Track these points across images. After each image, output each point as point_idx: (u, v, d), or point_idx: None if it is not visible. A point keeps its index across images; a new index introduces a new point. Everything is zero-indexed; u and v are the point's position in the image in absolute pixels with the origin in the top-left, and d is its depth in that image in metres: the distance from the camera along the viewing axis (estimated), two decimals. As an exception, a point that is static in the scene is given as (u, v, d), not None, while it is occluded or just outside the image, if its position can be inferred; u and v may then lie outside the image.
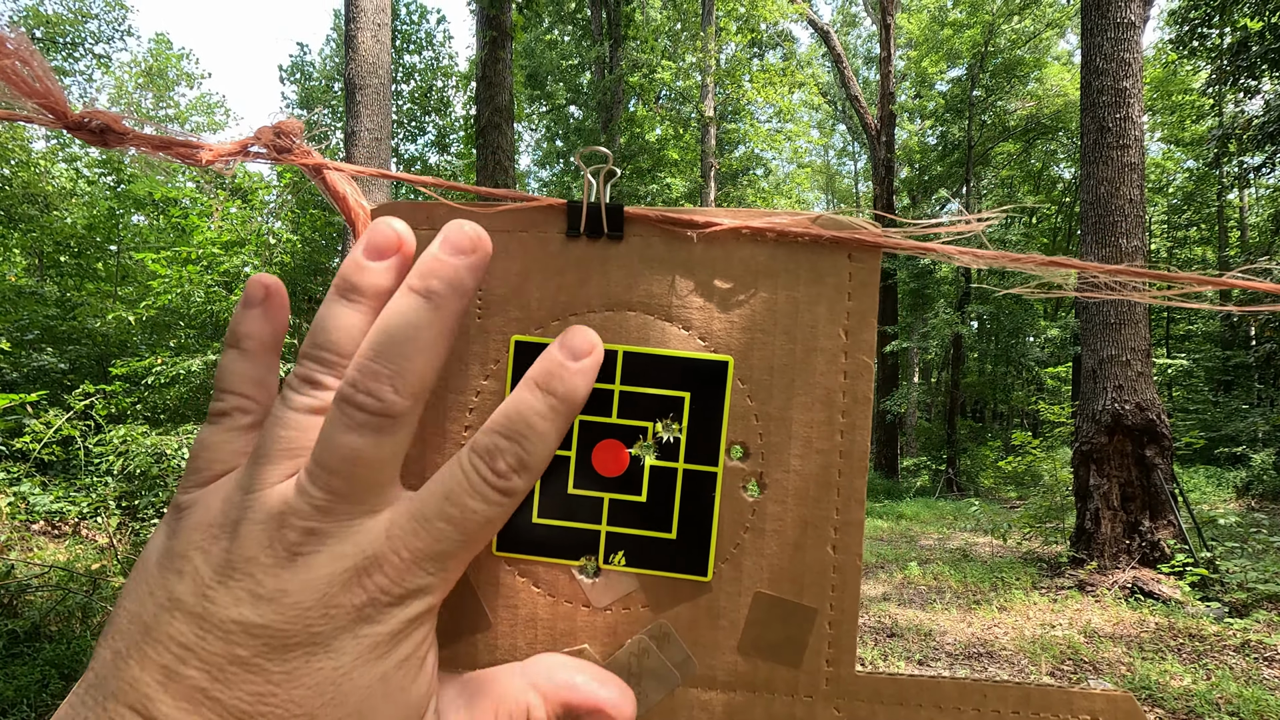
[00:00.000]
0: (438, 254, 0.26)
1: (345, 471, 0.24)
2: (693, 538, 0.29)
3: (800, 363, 0.29)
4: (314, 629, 0.24)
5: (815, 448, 0.29)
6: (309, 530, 0.24)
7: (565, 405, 0.27)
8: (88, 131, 0.24)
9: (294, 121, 0.26)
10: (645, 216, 0.29)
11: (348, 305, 0.26)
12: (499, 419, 0.27)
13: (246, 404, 0.28)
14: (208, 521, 0.25)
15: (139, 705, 0.23)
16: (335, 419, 0.25)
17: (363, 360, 0.25)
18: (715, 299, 0.29)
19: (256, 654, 0.23)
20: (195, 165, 0.25)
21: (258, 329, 0.28)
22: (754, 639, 0.29)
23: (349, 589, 0.24)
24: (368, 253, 0.26)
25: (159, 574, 0.25)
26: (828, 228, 0.28)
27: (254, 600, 0.23)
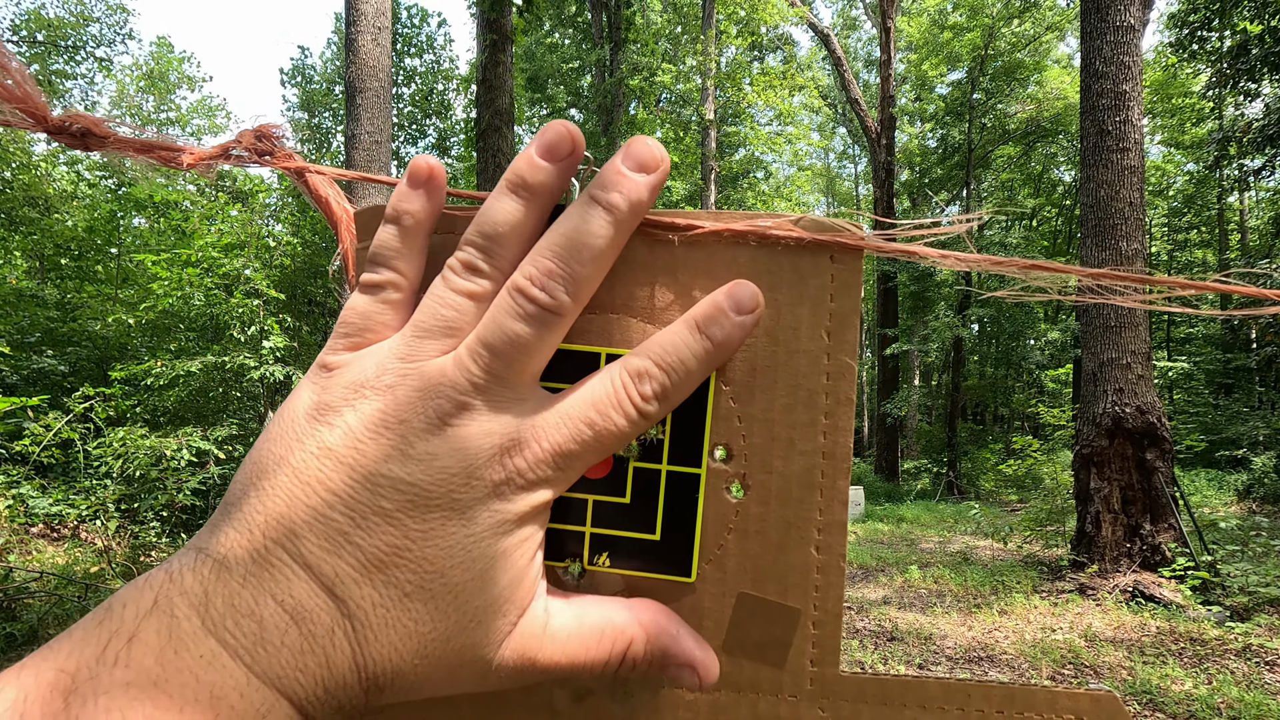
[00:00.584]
0: (620, 167, 0.27)
1: (507, 355, 0.26)
2: (677, 539, 0.29)
3: (783, 364, 0.29)
4: (455, 494, 0.25)
5: (798, 449, 0.29)
6: (462, 404, 0.26)
7: (719, 351, 0.28)
8: (68, 135, 0.24)
9: (274, 125, 0.26)
10: None
11: (516, 200, 0.27)
12: (656, 347, 0.28)
13: (398, 279, 0.29)
14: (361, 381, 0.26)
15: (286, 541, 0.24)
16: (507, 305, 0.26)
17: (540, 258, 0.26)
18: (697, 302, 0.29)
19: (399, 508, 0.25)
20: (176, 168, 0.25)
21: (418, 207, 0.29)
22: (738, 639, 0.29)
23: (491, 464, 0.26)
24: (541, 152, 0.27)
25: (308, 424, 0.26)
26: (809, 230, 0.28)
27: (403, 458, 0.25)
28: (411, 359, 0.26)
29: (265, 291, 6.43)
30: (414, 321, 0.27)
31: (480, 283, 0.27)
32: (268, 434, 0.27)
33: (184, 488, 5.25)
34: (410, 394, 0.26)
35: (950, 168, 17.22)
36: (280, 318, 6.75)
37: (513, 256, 0.27)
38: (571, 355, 0.29)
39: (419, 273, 0.29)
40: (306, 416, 0.26)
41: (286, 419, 0.27)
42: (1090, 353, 5.74)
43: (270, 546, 0.24)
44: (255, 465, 0.26)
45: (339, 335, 0.28)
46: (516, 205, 0.27)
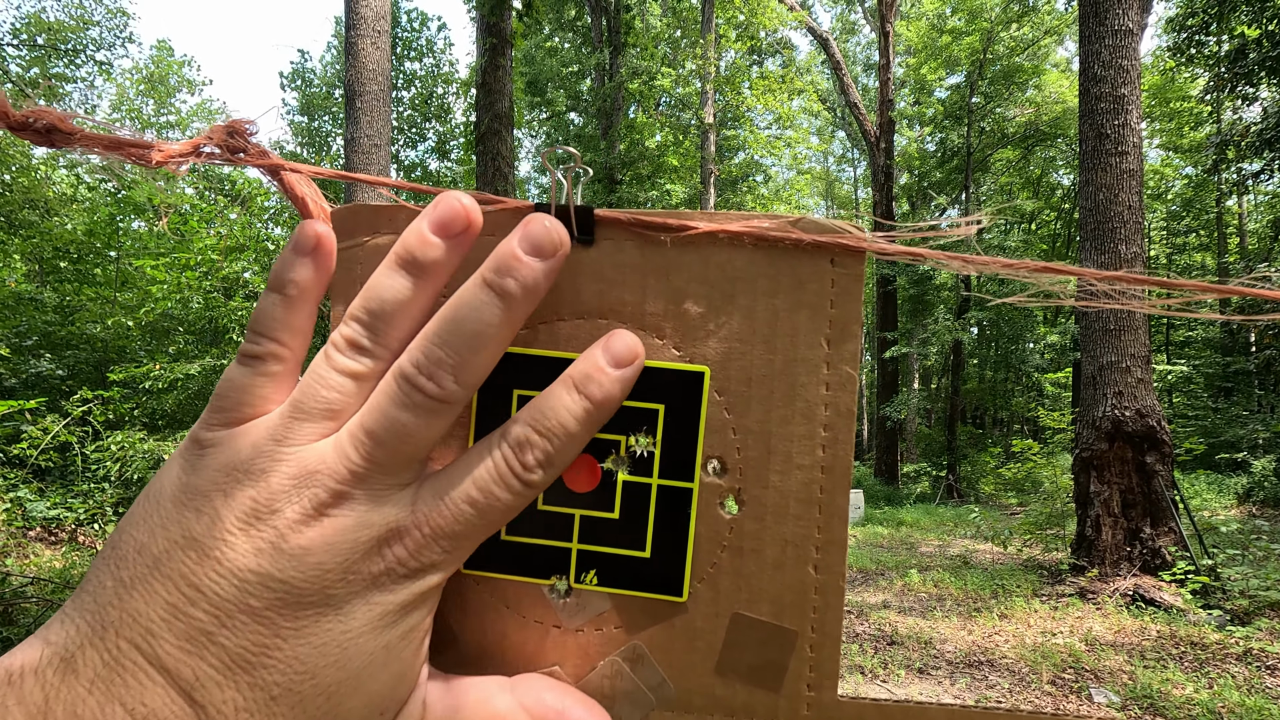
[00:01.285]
0: (517, 250, 0.25)
1: (390, 444, 0.25)
2: (667, 556, 0.28)
3: (780, 373, 0.28)
4: (330, 590, 0.24)
5: (796, 463, 0.28)
6: (340, 494, 0.24)
7: (599, 410, 0.27)
8: (33, 131, 0.23)
9: (248, 121, 0.25)
10: (617, 220, 0.27)
11: (405, 277, 0.26)
12: (533, 412, 0.27)
13: (281, 351, 0.27)
14: (233, 465, 0.25)
15: (140, 641, 0.22)
16: (393, 394, 0.25)
17: (428, 344, 0.25)
18: (690, 307, 0.28)
19: (269, 606, 0.23)
20: (146, 165, 0.24)
21: (304, 276, 0.27)
22: (732, 661, 0.28)
23: (369, 557, 0.24)
24: (434, 228, 0.25)
25: (174, 509, 0.24)
26: (809, 231, 0.27)
27: (275, 553, 0.23)
28: (288, 442, 0.25)
29: (264, 295, 6.42)
30: (293, 401, 0.25)
31: (364, 362, 0.26)
32: (132, 516, 0.25)
33: (181, 491, 5.23)
34: (285, 481, 0.24)
35: (949, 171, 17.24)
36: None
37: (401, 335, 0.26)
38: (558, 363, 0.28)
39: (304, 344, 0.28)
40: (173, 500, 0.24)
41: (152, 500, 0.25)
42: (1090, 356, 5.74)
43: (124, 647, 0.22)
44: (115, 552, 0.24)
45: (214, 409, 0.26)
46: (405, 283, 0.25)
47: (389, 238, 0.29)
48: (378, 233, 0.29)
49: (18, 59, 13.90)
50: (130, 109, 23.94)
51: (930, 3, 17.76)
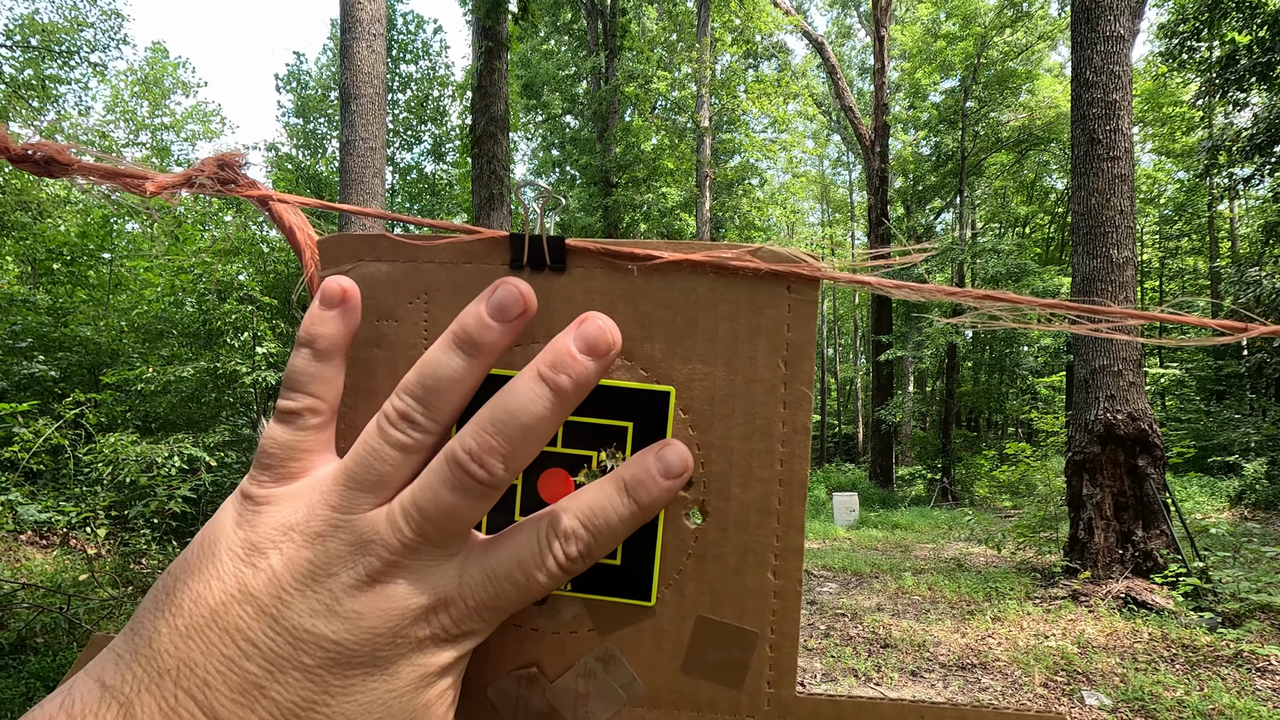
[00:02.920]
0: (572, 349, 0.26)
1: (440, 522, 0.26)
2: (637, 563, 0.30)
3: (741, 393, 0.29)
4: (379, 653, 0.25)
5: (755, 476, 0.29)
6: (393, 563, 0.26)
7: (643, 514, 0.28)
8: (32, 163, 0.24)
9: (237, 153, 0.26)
10: (587, 249, 0.29)
11: (461, 357, 0.27)
12: (583, 507, 0.28)
13: (317, 404, 0.28)
14: (289, 525, 0.26)
15: (196, 691, 0.23)
16: (444, 475, 0.26)
17: (481, 433, 0.26)
18: (657, 331, 0.30)
19: (320, 664, 0.24)
20: (141, 194, 0.25)
21: (332, 330, 0.28)
22: (697, 661, 0.30)
23: (418, 623, 0.26)
24: (493, 312, 0.27)
25: (231, 562, 0.25)
26: (767, 260, 0.29)
27: (329, 615, 0.25)
28: (344, 510, 0.26)
29: (259, 298, 6.42)
30: (347, 470, 0.27)
31: (415, 436, 0.27)
32: (185, 564, 0.26)
33: (175, 495, 5.22)
34: (341, 548, 0.25)
35: (944, 175, 17.32)
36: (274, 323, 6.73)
37: (452, 410, 0.27)
38: None
39: (337, 394, 0.29)
40: (229, 553, 0.26)
41: (206, 553, 0.26)
42: (1082, 359, 5.77)
43: (180, 696, 0.23)
44: (170, 600, 0.25)
45: (261, 467, 0.28)
46: (461, 362, 0.27)
47: (372, 265, 0.31)
48: (362, 259, 0.31)
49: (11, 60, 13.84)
50: (124, 111, 23.87)
51: (925, 8, 17.86)
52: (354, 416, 0.31)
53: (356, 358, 0.31)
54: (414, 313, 0.31)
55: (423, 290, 0.31)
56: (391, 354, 0.31)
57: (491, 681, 0.31)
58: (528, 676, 0.30)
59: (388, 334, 0.31)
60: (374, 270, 0.31)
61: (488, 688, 0.31)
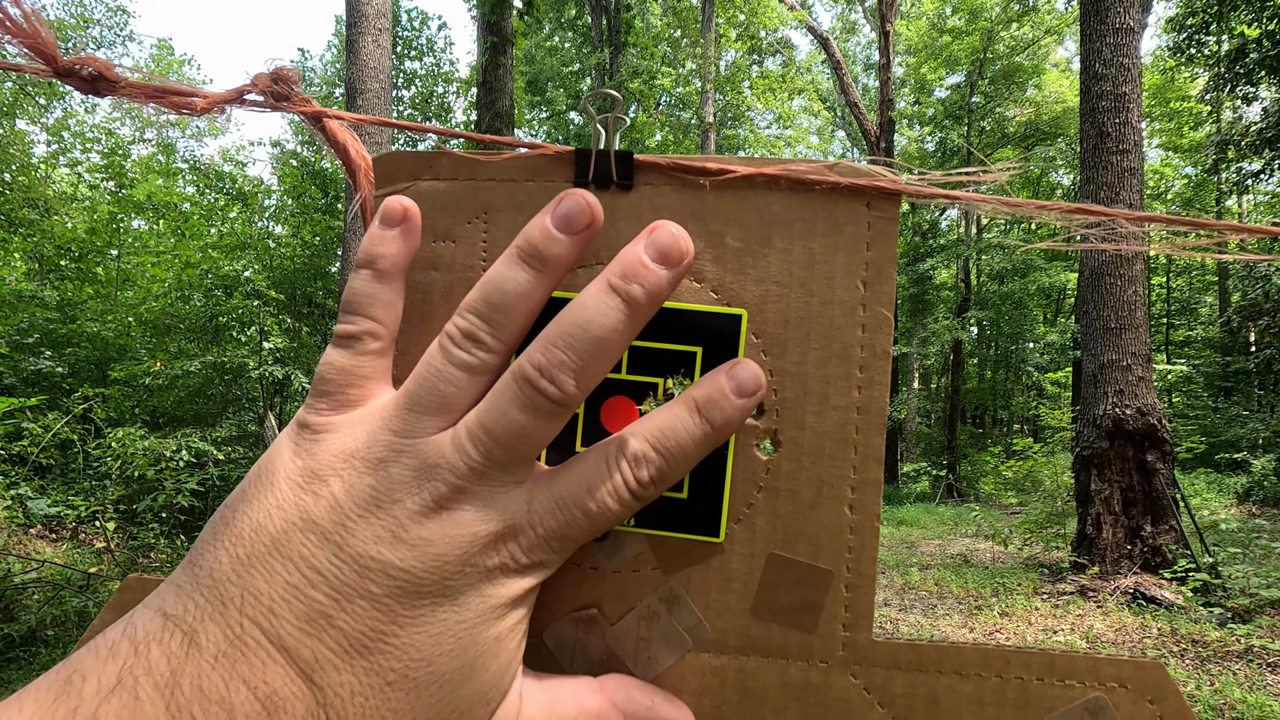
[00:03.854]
0: (643, 257, 0.25)
1: (509, 444, 0.25)
2: (704, 497, 0.28)
3: (817, 316, 0.28)
4: (448, 581, 0.24)
5: (832, 404, 0.28)
6: (459, 488, 0.25)
7: (717, 435, 0.27)
8: (78, 78, 0.23)
9: (292, 69, 0.25)
10: (656, 164, 0.28)
11: (526, 271, 0.26)
12: (654, 428, 0.27)
13: (376, 328, 0.27)
14: (350, 451, 0.25)
15: (262, 619, 0.23)
16: (513, 393, 0.25)
17: (550, 346, 0.25)
18: (728, 250, 0.28)
19: (388, 593, 0.23)
20: (190, 113, 0.24)
21: (393, 250, 0.27)
22: (767, 602, 0.28)
23: (486, 551, 0.25)
24: (558, 223, 0.26)
25: (291, 491, 0.25)
26: (845, 175, 0.27)
27: (395, 542, 0.24)
28: (406, 434, 0.25)
29: (266, 293, 6.43)
30: (408, 392, 0.26)
31: (481, 356, 0.26)
32: (244, 495, 0.25)
33: (183, 489, 5.23)
34: (405, 473, 0.25)
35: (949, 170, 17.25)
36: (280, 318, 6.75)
37: (518, 329, 0.26)
38: None
39: (397, 319, 0.28)
40: (288, 482, 0.25)
41: (265, 481, 0.25)
42: (1090, 355, 5.74)
43: (246, 625, 0.22)
44: (230, 529, 0.24)
45: (319, 394, 0.27)
46: (527, 276, 0.26)
47: (429, 183, 0.29)
48: (419, 178, 0.30)
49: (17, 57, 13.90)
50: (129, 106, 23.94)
51: (930, 2, 17.77)
52: (408, 343, 0.30)
53: (412, 280, 0.30)
54: (472, 233, 0.30)
55: (482, 210, 0.29)
56: (449, 277, 0.30)
57: (548, 625, 0.29)
58: (587, 619, 0.29)
59: (444, 256, 0.30)
60: (431, 189, 0.30)
61: (543, 631, 0.29)
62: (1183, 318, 18.40)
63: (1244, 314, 9.31)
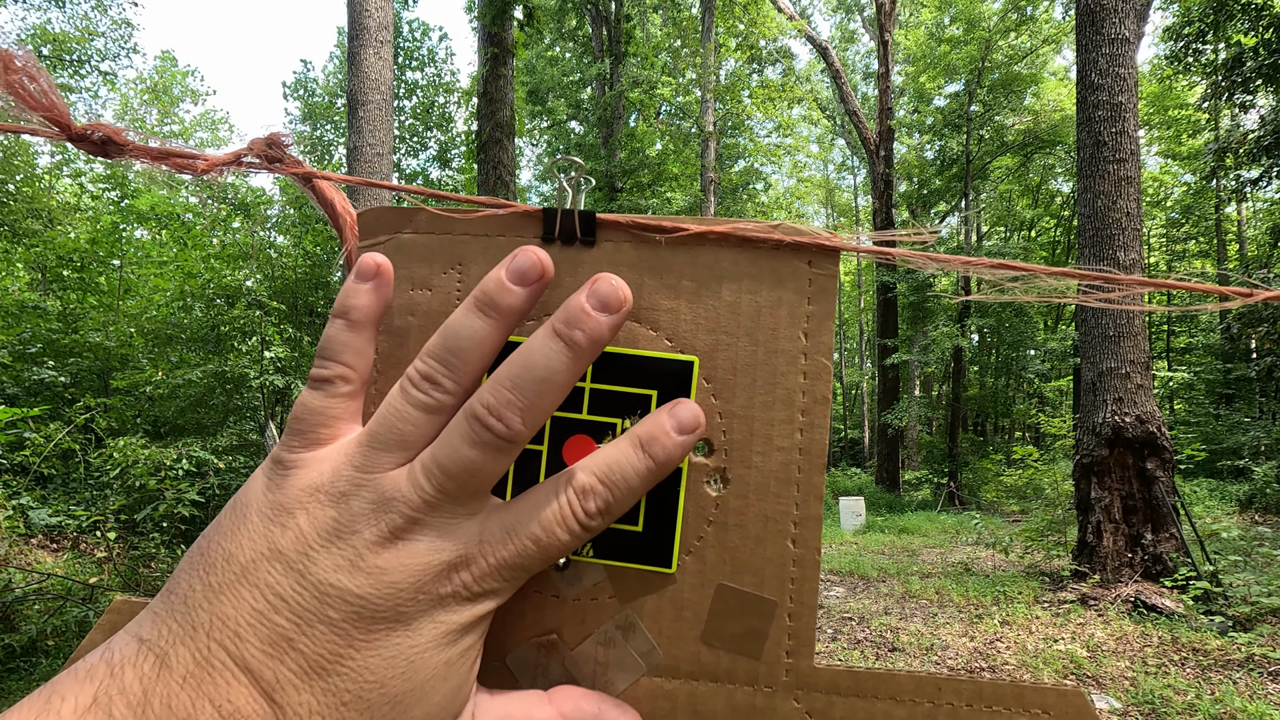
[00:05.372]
0: (586, 305, 0.27)
1: (460, 478, 0.27)
2: (658, 530, 0.30)
3: (762, 363, 0.30)
4: (401, 608, 0.26)
5: (776, 445, 0.30)
6: (414, 519, 0.26)
7: (659, 469, 0.29)
8: (90, 143, 0.25)
9: (285, 134, 0.27)
10: (616, 223, 0.30)
11: (482, 319, 0.28)
12: (601, 464, 0.29)
13: (348, 374, 0.29)
14: (316, 486, 0.27)
15: (228, 642, 0.24)
16: (464, 431, 0.27)
17: (499, 388, 0.27)
18: (682, 301, 0.31)
19: (346, 618, 0.25)
20: (192, 174, 0.26)
21: (366, 302, 0.29)
22: (716, 630, 0.30)
23: (439, 579, 0.26)
24: (512, 277, 0.28)
25: (260, 523, 0.26)
26: (788, 234, 0.30)
27: (353, 570, 0.25)
28: (366, 470, 0.27)
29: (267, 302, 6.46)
30: (370, 431, 0.28)
31: (438, 397, 0.28)
32: (219, 526, 0.27)
33: (184, 498, 5.25)
34: (364, 506, 0.26)
35: (949, 179, 17.30)
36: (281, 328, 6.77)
37: (473, 373, 0.28)
38: None
39: (368, 365, 0.30)
40: (259, 514, 0.27)
41: (239, 513, 0.27)
42: (1089, 362, 5.75)
43: (214, 648, 0.24)
44: (205, 559, 0.26)
45: (293, 433, 0.29)
46: (482, 324, 0.28)
47: (409, 236, 0.32)
48: (400, 231, 0.32)
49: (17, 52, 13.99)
50: (134, 118, 24.09)
51: (929, 12, 17.87)
52: (385, 383, 0.32)
53: (390, 325, 0.32)
54: (447, 283, 0.32)
55: (457, 261, 0.32)
56: (424, 322, 0.32)
57: (510, 649, 0.31)
58: (547, 644, 0.31)
59: (421, 303, 0.32)
60: (410, 241, 0.32)
61: (506, 655, 0.31)
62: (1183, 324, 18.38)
63: (1244, 321, 9.31)
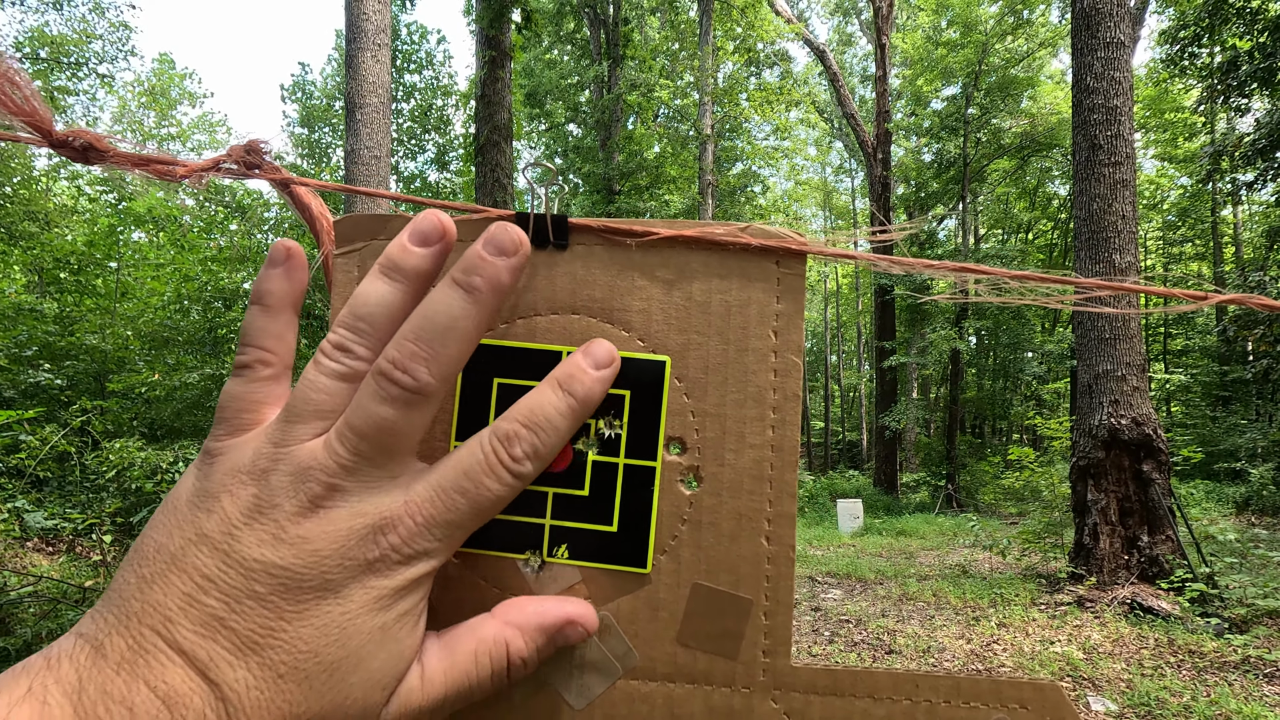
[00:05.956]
0: (481, 252, 0.28)
1: (373, 437, 0.27)
2: (633, 530, 0.31)
3: (733, 362, 0.31)
4: (328, 575, 0.26)
5: (749, 443, 0.30)
6: (332, 486, 0.27)
7: (581, 406, 0.29)
8: (70, 149, 0.25)
9: (262, 140, 0.28)
10: (588, 226, 0.31)
11: (388, 283, 0.28)
12: (521, 409, 0.29)
13: (267, 357, 0.30)
14: (237, 468, 0.27)
15: (160, 627, 0.25)
16: (371, 389, 0.27)
17: (403, 341, 0.27)
18: (653, 303, 0.31)
19: (272, 591, 0.25)
20: (172, 180, 0.27)
21: (279, 287, 0.30)
22: (693, 630, 0.30)
23: (364, 544, 0.26)
24: (413, 239, 0.28)
25: (188, 511, 0.27)
26: (756, 236, 0.30)
27: (275, 543, 0.26)
28: (283, 444, 0.27)
29: (264, 305, 6.44)
30: (287, 406, 0.28)
31: (350, 364, 0.28)
32: (153, 521, 0.28)
33: (180, 501, 5.22)
34: (282, 479, 0.26)
35: (946, 181, 17.34)
36: (278, 331, 6.76)
37: (383, 336, 0.28)
38: (534, 354, 0.31)
39: (289, 349, 0.30)
40: (187, 504, 0.27)
41: (169, 507, 0.28)
42: (1085, 365, 5.77)
43: (146, 634, 0.24)
44: (138, 553, 0.27)
45: (218, 422, 0.29)
46: (388, 287, 0.28)
47: (383, 242, 0.32)
48: (376, 237, 0.32)
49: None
50: (132, 121, 24.08)
51: (926, 15, 17.93)
52: None
53: None
54: None
55: None
56: None
57: None
58: None
59: None
60: (385, 247, 0.32)
61: None
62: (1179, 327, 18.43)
63: (1240, 323, 9.34)
